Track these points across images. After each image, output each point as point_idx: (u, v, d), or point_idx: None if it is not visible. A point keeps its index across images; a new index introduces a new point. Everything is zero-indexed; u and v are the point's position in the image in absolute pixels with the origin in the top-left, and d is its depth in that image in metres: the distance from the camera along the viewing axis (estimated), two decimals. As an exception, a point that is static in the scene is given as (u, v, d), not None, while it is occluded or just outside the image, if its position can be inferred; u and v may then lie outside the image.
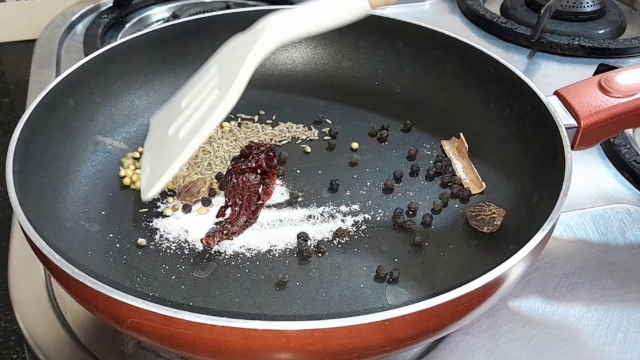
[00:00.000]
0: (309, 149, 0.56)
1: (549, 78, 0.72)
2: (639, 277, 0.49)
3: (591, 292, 0.48)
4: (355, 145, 0.56)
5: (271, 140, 0.57)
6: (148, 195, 0.45)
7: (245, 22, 0.60)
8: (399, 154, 0.55)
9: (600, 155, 0.61)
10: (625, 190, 0.57)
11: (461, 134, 0.54)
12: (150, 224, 0.48)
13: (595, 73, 0.70)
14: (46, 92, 0.49)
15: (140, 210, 0.49)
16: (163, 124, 0.48)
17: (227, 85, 0.44)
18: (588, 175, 0.59)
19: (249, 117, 0.59)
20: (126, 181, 0.51)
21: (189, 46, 0.60)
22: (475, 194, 0.50)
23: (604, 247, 0.51)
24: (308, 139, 0.57)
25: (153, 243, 0.46)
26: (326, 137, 0.57)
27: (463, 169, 0.52)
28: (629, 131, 0.62)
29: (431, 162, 0.54)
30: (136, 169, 0.52)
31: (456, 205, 0.50)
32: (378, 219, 0.49)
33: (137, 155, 0.54)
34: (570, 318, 0.46)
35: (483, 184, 0.51)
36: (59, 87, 0.50)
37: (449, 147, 0.54)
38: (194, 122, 0.45)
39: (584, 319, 0.46)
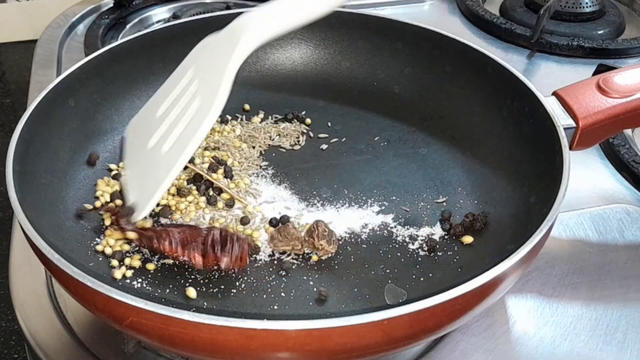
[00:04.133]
0: (308, 150, 0.56)
1: (548, 78, 0.72)
2: (639, 277, 0.49)
3: (590, 292, 0.48)
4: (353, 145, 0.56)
5: (270, 137, 0.57)
6: (140, 216, 0.44)
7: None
8: (398, 154, 0.55)
9: (599, 155, 0.61)
10: (624, 190, 0.57)
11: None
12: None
13: (595, 73, 0.70)
14: (46, 92, 0.49)
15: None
16: (140, 136, 0.46)
17: (210, 93, 0.42)
18: (587, 175, 0.59)
19: (248, 116, 0.59)
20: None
21: (189, 46, 0.59)
22: None
23: (603, 247, 0.51)
24: (305, 140, 0.57)
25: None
26: (322, 135, 0.57)
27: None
28: (628, 131, 0.62)
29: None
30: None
31: (458, 206, 0.50)
32: (377, 218, 0.49)
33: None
34: (569, 318, 0.46)
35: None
36: (59, 87, 0.50)
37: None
38: (177, 134, 0.43)
39: (583, 319, 0.46)
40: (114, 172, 0.51)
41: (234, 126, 0.58)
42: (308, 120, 0.59)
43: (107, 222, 0.46)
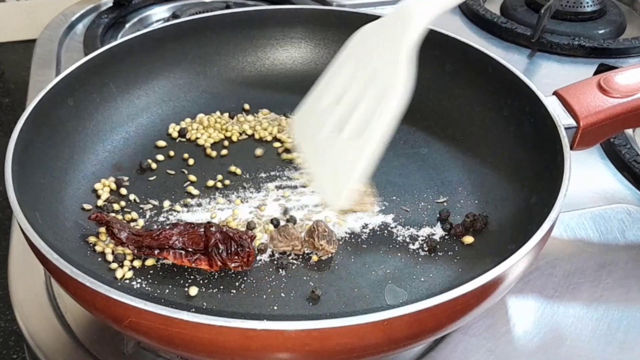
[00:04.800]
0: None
1: (549, 78, 0.72)
2: (639, 277, 0.49)
3: (591, 292, 0.48)
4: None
5: (270, 134, 0.57)
6: (337, 204, 0.43)
7: (245, 22, 0.61)
8: (399, 154, 0.55)
9: (600, 155, 0.61)
10: (625, 190, 0.57)
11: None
12: (149, 223, 0.48)
13: (595, 73, 0.69)
14: (45, 92, 0.49)
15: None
16: (309, 131, 0.46)
17: (391, 76, 0.41)
18: (588, 175, 0.59)
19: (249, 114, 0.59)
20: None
21: (188, 46, 0.60)
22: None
23: (604, 247, 0.51)
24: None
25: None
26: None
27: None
28: (629, 131, 0.62)
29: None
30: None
31: (458, 206, 0.50)
32: (377, 218, 0.49)
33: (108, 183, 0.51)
34: (570, 318, 0.46)
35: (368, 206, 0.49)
36: (58, 87, 0.50)
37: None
38: (357, 120, 0.42)
39: (584, 319, 0.46)
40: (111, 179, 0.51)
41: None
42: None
43: (102, 229, 0.46)
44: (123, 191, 0.50)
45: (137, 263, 0.44)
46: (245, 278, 0.44)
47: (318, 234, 0.45)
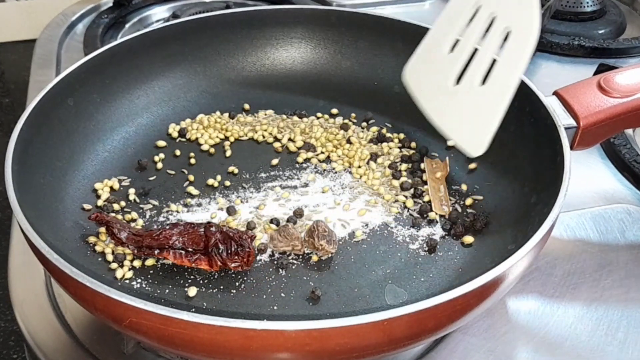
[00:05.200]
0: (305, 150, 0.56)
1: (549, 78, 0.72)
2: (639, 277, 0.49)
3: (591, 292, 0.48)
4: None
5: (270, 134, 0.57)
6: (480, 150, 0.44)
7: (245, 22, 0.61)
8: (398, 154, 0.55)
9: (600, 155, 0.61)
10: (625, 190, 0.57)
11: (447, 159, 0.53)
12: (149, 223, 0.48)
13: (595, 73, 0.69)
14: (45, 92, 0.49)
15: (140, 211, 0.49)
16: (431, 84, 0.45)
17: (518, 17, 0.41)
18: (588, 175, 0.59)
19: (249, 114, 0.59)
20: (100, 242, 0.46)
21: (188, 46, 0.60)
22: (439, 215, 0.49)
23: (604, 247, 0.51)
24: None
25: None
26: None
27: (429, 190, 0.51)
28: (629, 131, 0.62)
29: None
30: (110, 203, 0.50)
31: (458, 208, 0.50)
32: (377, 219, 0.49)
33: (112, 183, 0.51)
34: (570, 318, 0.46)
35: (444, 209, 0.49)
36: (58, 87, 0.50)
37: (428, 166, 0.53)
38: (485, 65, 0.42)
39: (584, 319, 0.46)
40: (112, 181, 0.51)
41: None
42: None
43: (102, 229, 0.46)
44: (123, 191, 0.50)
45: (137, 263, 0.44)
46: (245, 278, 0.44)
47: (318, 234, 0.45)
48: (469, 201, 0.50)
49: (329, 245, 0.45)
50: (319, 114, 0.59)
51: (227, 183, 0.52)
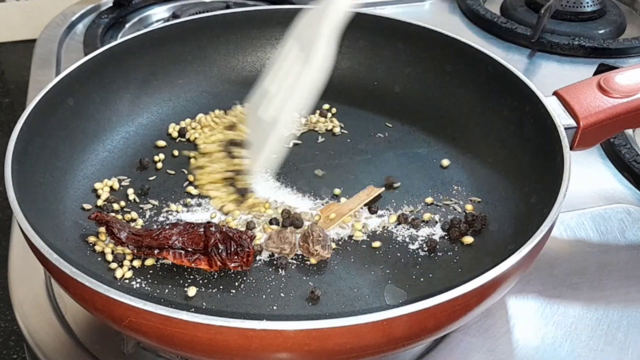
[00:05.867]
0: (307, 149, 0.56)
1: (549, 78, 0.72)
2: (639, 277, 0.49)
3: (591, 292, 0.48)
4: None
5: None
6: (251, 177, 0.48)
7: (245, 22, 0.61)
8: (398, 154, 0.55)
9: (600, 155, 0.61)
10: (625, 190, 0.57)
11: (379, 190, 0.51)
12: (149, 223, 0.48)
13: (595, 73, 0.69)
14: (45, 92, 0.49)
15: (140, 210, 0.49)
16: (255, 109, 0.49)
17: (309, 56, 0.44)
18: (588, 175, 0.59)
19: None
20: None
21: (188, 46, 0.60)
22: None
23: (604, 247, 0.51)
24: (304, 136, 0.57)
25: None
26: (322, 134, 0.57)
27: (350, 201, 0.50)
28: (629, 131, 0.62)
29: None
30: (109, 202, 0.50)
31: (457, 208, 0.50)
32: (377, 219, 0.49)
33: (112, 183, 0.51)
34: (570, 318, 0.46)
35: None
36: (58, 86, 0.50)
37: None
38: (279, 100, 0.46)
39: (584, 319, 0.46)
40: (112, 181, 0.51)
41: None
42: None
43: (101, 229, 0.46)
44: (122, 191, 0.50)
45: (136, 263, 0.44)
46: (244, 278, 0.44)
47: (313, 239, 0.45)
48: (468, 202, 0.50)
49: (323, 251, 0.45)
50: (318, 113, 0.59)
51: (227, 183, 0.52)
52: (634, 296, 0.48)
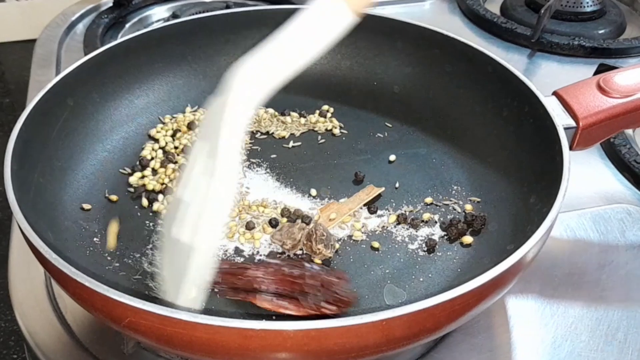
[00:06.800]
0: (307, 149, 0.56)
1: (549, 78, 0.72)
2: (639, 277, 0.49)
3: (591, 292, 0.48)
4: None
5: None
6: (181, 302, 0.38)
7: (245, 22, 0.61)
8: (398, 154, 0.55)
9: (600, 155, 0.61)
10: (625, 190, 0.57)
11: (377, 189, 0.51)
12: (148, 223, 0.48)
13: (595, 73, 0.69)
14: (45, 92, 0.49)
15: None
16: (168, 227, 0.39)
17: (215, 170, 0.36)
18: (588, 175, 0.59)
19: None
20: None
21: (188, 46, 0.60)
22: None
23: (603, 248, 0.51)
24: (304, 136, 0.57)
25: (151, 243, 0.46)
26: (321, 134, 0.57)
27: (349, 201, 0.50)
28: (629, 131, 0.62)
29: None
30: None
31: (457, 208, 0.50)
32: (376, 219, 0.49)
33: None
34: (570, 318, 0.46)
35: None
36: (58, 86, 0.50)
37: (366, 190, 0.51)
38: (194, 215, 0.37)
39: (584, 319, 0.46)
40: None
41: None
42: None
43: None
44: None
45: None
46: (244, 278, 0.44)
47: (316, 238, 0.45)
48: (468, 202, 0.50)
49: (326, 250, 0.45)
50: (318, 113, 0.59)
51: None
52: (634, 296, 0.47)
